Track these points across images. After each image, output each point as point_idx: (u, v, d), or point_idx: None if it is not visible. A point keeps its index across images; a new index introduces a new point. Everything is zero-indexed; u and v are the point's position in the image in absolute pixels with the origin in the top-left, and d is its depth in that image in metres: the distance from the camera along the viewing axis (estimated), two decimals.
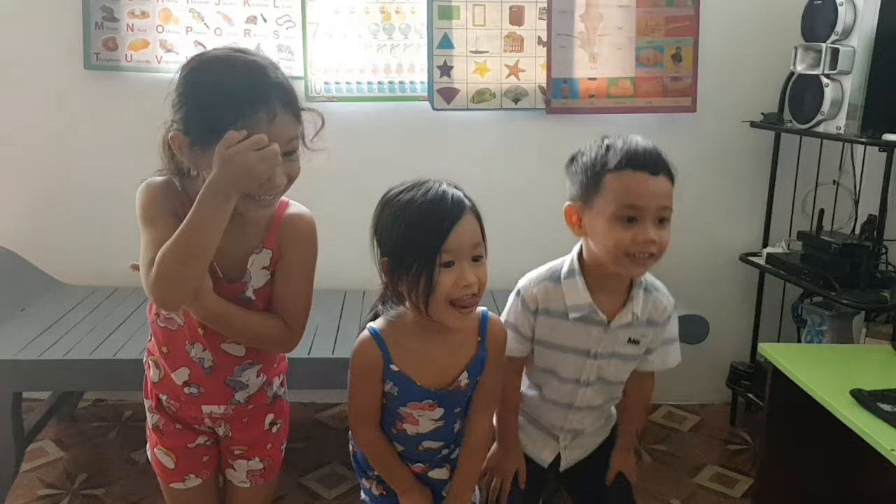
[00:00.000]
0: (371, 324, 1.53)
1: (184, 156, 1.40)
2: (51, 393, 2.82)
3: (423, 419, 1.53)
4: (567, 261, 1.61)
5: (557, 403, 1.69)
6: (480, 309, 1.55)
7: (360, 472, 1.67)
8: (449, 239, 1.40)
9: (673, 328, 1.68)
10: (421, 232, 1.41)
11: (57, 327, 2.55)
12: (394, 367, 1.49)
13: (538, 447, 1.75)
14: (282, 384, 1.70)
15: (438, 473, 1.61)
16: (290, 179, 1.44)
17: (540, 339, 1.63)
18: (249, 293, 1.51)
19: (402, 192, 1.46)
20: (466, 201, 1.45)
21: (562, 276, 1.59)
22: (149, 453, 1.67)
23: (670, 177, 1.51)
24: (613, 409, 1.79)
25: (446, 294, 1.42)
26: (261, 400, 1.63)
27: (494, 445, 1.71)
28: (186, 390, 1.56)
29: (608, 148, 1.51)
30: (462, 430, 1.61)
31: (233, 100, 1.35)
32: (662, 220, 1.49)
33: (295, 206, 1.56)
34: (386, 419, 1.55)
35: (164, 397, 1.60)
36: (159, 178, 1.47)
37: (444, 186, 1.45)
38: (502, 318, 1.66)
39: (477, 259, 1.45)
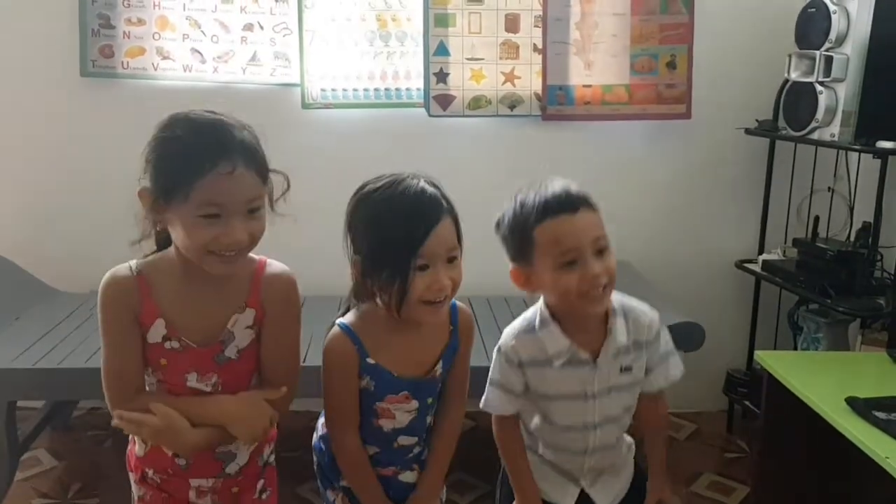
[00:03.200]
0: (340, 319, 1.52)
1: (148, 211, 1.42)
2: (45, 402, 2.81)
3: (399, 412, 1.53)
4: (538, 311, 1.58)
5: (573, 451, 1.63)
6: None
7: (325, 483, 1.63)
8: (425, 244, 1.39)
9: (666, 341, 1.64)
10: (397, 236, 1.40)
11: (52, 335, 2.54)
12: (370, 361, 1.49)
13: (559, 493, 1.67)
14: (272, 452, 1.67)
15: (408, 476, 1.61)
16: (253, 238, 1.43)
17: (535, 391, 1.59)
18: (230, 353, 1.50)
19: (378, 188, 1.45)
20: (444, 202, 1.45)
21: (536, 326, 1.57)
22: None
23: (591, 207, 1.50)
24: (629, 438, 1.73)
25: (419, 296, 1.41)
26: (251, 471, 1.61)
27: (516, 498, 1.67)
28: (176, 460, 1.54)
29: (522, 205, 1.51)
30: (431, 425, 1.61)
31: (192, 153, 1.36)
32: (602, 251, 1.48)
33: (274, 266, 1.55)
34: (361, 416, 1.53)
35: (149, 472, 1.57)
36: (121, 272, 1.47)
37: (422, 184, 1.44)
38: (489, 377, 1.62)
39: (452, 260, 1.45)
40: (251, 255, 1.51)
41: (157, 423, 1.43)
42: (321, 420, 1.65)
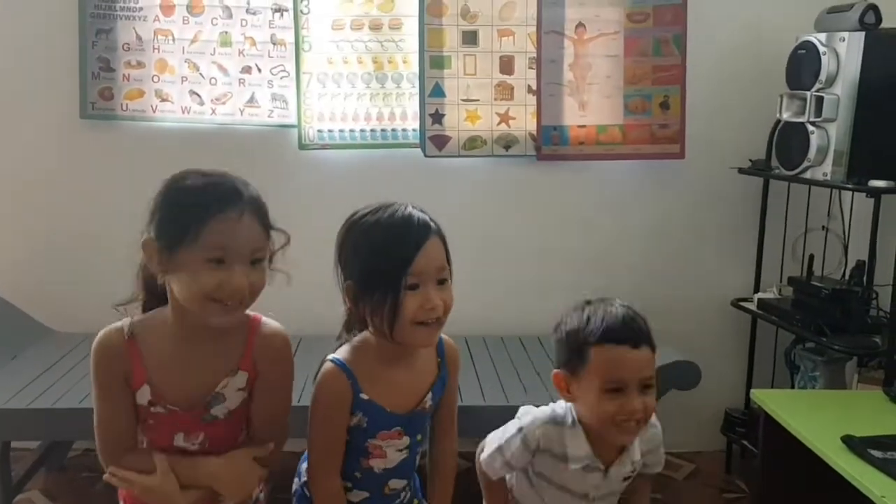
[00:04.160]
0: (332, 354, 1.52)
1: (153, 262, 1.44)
2: (39, 443, 2.79)
3: (390, 450, 1.53)
4: (569, 410, 1.62)
5: None
6: None
7: None
8: (415, 262, 1.42)
9: (661, 448, 1.71)
10: (387, 255, 1.43)
11: (47, 375, 2.53)
12: (363, 396, 1.49)
13: None
14: (261, 490, 1.66)
15: None
16: (253, 289, 1.44)
17: (539, 472, 1.64)
18: (217, 413, 1.51)
19: (366, 214, 1.48)
20: (432, 224, 1.48)
21: (566, 422, 1.61)
22: None
23: (651, 346, 1.54)
24: None
25: (411, 317, 1.43)
26: None
27: None
28: None
29: (588, 319, 1.54)
30: (417, 466, 1.61)
31: (203, 198, 1.40)
32: (646, 388, 1.52)
33: (268, 325, 1.56)
34: (351, 457, 1.53)
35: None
36: (114, 335, 1.49)
37: (410, 209, 1.48)
38: (495, 442, 1.65)
39: (442, 282, 1.46)
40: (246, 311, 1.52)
41: (147, 482, 1.46)
42: (303, 465, 1.63)
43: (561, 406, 1.64)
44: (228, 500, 1.51)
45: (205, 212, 1.39)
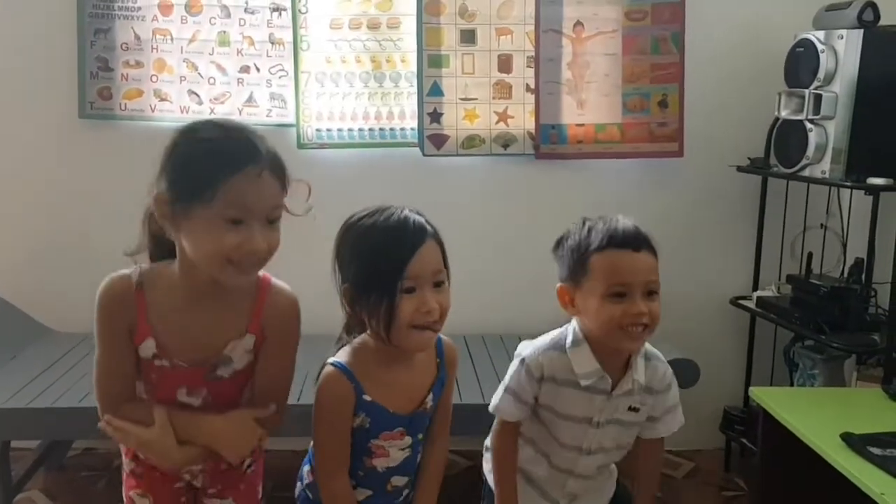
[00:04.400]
0: (333, 358, 1.52)
1: (165, 216, 1.39)
2: (39, 442, 2.80)
3: (393, 450, 1.53)
4: (570, 331, 1.63)
5: (558, 469, 1.68)
6: None
7: None
8: (410, 265, 1.41)
9: (675, 395, 1.69)
10: (382, 258, 1.43)
11: (47, 375, 2.53)
12: (366, 398, 1.48)
13: None
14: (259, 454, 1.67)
15: None
16: (270, 249, 1.41)
17: (543, 404, 1.63)
18: (223, 373, 1.49)
19: (363, 217, 1.49)
20: (428, 227, 1.47)
21: (567, 345, 1.61)
22: (125, 496, 1.63)
23: (653, 252, 1.56)
24: (614, 466, 1.77)
25: (408, 320, 1.42)
26: None
27: None
28: None
29: (590, 230, 1.57)
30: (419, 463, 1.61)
31: (222, 153, 1.36)
32: (651, 294, 1.53)
33: (277, 288, 1.53)
34: (354, 457, 1.53)
35: (141, 454, 1.57)
36: (120, 280, 1.47)
37: (406, 212, 1.47)
38: (502, 383, 1.65)
39: (438, 285, 1.46)
40: None
41: (144, 435, 1.44)
42: (305, 468, 1.63)
43: (558, 332, 1.64)
44: (226, 457, 1.50)
45: (223, 168, 1.33)
